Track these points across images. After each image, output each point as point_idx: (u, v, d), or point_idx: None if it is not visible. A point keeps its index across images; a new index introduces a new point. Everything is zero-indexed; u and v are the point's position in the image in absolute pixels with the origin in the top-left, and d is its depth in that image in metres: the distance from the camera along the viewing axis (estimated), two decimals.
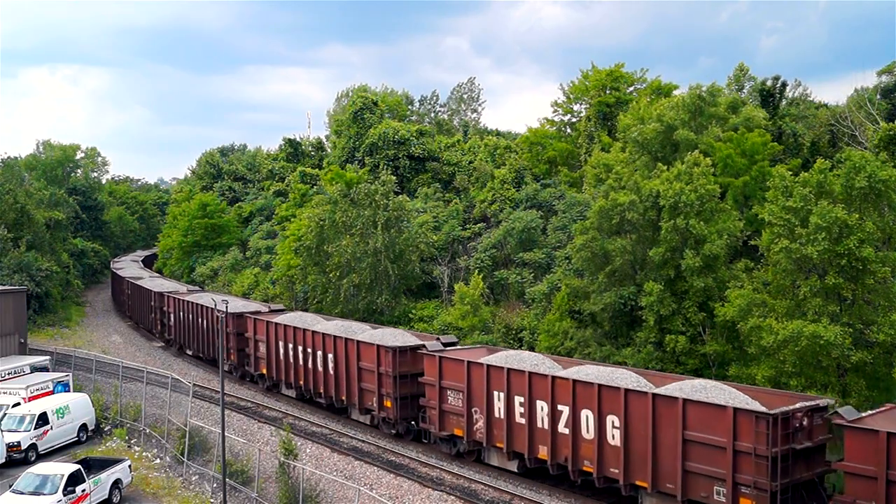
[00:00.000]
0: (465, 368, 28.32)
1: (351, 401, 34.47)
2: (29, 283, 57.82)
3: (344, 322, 38.06)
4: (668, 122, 40.10)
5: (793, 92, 53.91)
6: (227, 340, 42.58)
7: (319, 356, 35.99)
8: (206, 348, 47.22)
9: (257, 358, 41.27)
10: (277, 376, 39.79)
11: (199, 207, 79.88)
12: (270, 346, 39.73)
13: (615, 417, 23.79)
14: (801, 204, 28.45)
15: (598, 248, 35.17)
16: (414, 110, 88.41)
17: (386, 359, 31.61)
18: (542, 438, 25.96)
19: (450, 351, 30.54)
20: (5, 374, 37.88)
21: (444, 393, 29.24)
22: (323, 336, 35.58)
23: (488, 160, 62.38)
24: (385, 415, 32.25)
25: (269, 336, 39.72)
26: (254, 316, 41.88)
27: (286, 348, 38.47)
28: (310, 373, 36.85)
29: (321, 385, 36.17)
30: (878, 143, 35.35)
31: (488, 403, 27.51)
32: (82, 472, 25.95)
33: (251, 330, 41.60)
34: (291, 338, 37.89)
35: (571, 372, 25.84)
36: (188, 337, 49.95)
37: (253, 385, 42.84)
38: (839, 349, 26.21)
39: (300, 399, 38.90)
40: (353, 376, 33.80)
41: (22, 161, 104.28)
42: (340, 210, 51.01)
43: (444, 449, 29.91)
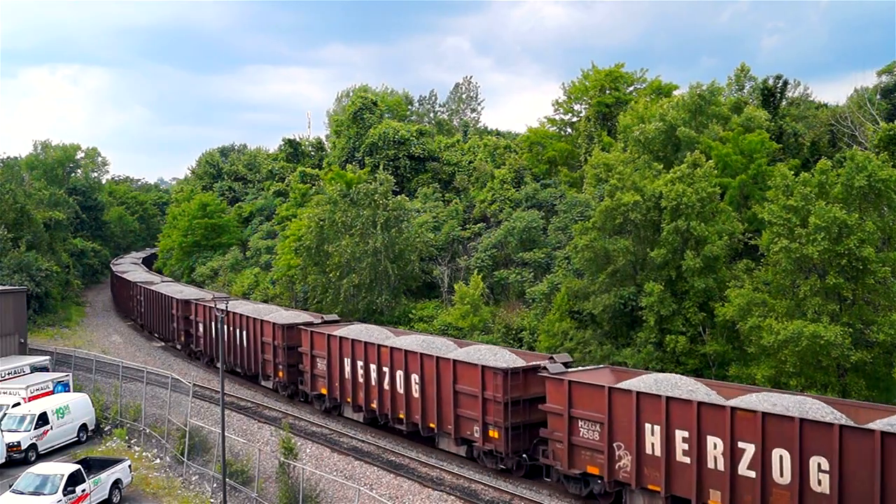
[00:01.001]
0: (605, 396, 23.68)
1: (443, 429, 29.33)
2: (29, 283, 57.82)
3: (423, 337, 33.18)
4: (670, 122, 40.14)
5: (793, 92, 53.95)
6: (274, 355, 39.17)
7: (399, 376, 31.11)
8: (247, 362, 42.42)
9: (314, 376, 36.23)
10: (342, 397, 34.78)
11: (199, 207, 79.93)
12: (333, 362, 34.76)
13: (822, 460, 19.33)
14: (802, 203, 28.46)
15: (600, 249, 35.17)
16: (413, 110, 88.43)
17: (494, 382, 26.84)
18: (715, 481, 21.42)
19: (579, 373, 26.09)
20: (5, 374, 37.88)
21: (574, 424, 24.71)
22: (405, 353, 30.75)
23: (488, 160, 62.40)
24: (491, 447, 27.26)
25: (332, 351, 34.81)
26: (310, 328, 36.81)
27: (353, 366, 33.54)
28: (386, 395, 31.93)
29: (401, 409, 31.19)
30: (878, 143, 35.38)
31: (638, 438, 23.04)
32: (82, 472, 25.94)
33: (307, 344, 36.50)
34: (361, 354, 33.06)
35: (750, 402, 21.50)
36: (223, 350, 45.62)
37: (306, 405, 37.90)
38: (839, 349, 26.23)
39: (371, 424, 33.78)
40: (448, 401, 28.77)
41: (22, 161, 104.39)
42: (340, 210, 51.02)
43: (571, 489, 25.50)
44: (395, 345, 31.80)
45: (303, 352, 37.03)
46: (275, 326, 39.08)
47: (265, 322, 40.23)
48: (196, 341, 48.69)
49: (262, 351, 40.33)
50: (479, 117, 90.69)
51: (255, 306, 44.87)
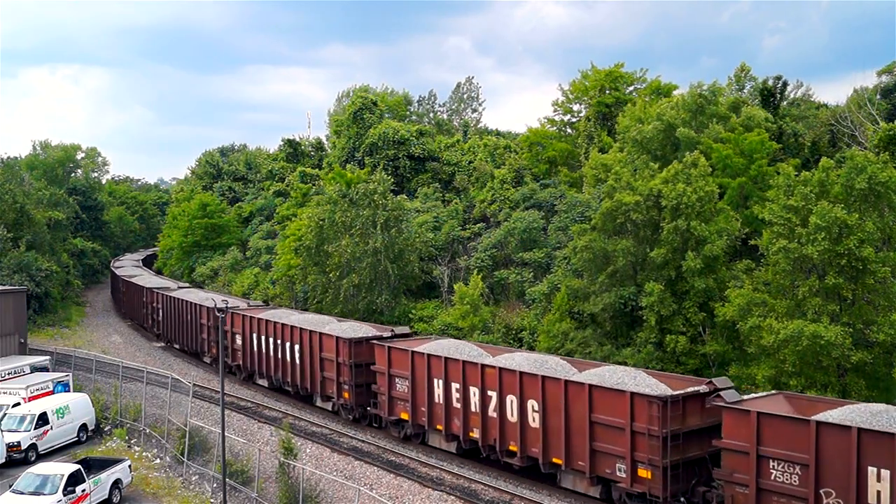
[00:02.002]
0: (810, 433, 19.55)
1: (572, 465, 25.01)
2: (29, 283, 57.81)
3: (525, 354, 28.81)
4: (669, 121, 40.15)
5: (794, 92, 54.00)
6: (337, 373, 34.67)
7: (511, 402, 26.66)
8: (300, 380, 37.83)
9: (392, 398, 31.82)
10: (430, 424, 30.36)
11: (199, 207, 79.94)
12: (419, 383, 30.44)
13: None
14: (802, 203, 28.46)
15: (599, 249, 35.17)
16: (413, 110, 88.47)
17: (649, 412, 22.55)
18: None
19: (762, 402, 21.92)
20: (5, 374, 37.88)
21: (763, 465, 20.42)
22: (520, 375, 26.15)
23: (488, 160, 62.42)
24: (643, 488, 23.00)
25: (417, 371, 30.44)
26: (386, 343, 32.28)
27: (446, 388, 29.11)
28: (492, 423, 27.48)
29: (513, 440, 26.78)
30: (878, 144, 35.39)
31: (859, 484, 18.89)
32: (82, 472, 25.94)
33: (382, 361, 31.99)
34: (458, 375, 28.56)
35: None
36: (265, 364, 40.86)
37: (378, 431, 33.42)
38: (839, 349, 26.23)
39: (467, 455, 29.54)
40: (580, 433, 24.46)
41: (22, 161, 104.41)
42: (340, 210, 51.03)
43: None
44: (505, 365, 27.21)
45: (377, 370, 32.33)
46: (339, 341, 34.34)
47: (326, 335, 35.53)
48: (232, 355, 43.95)
49: (322, 368, 35.85)
50: (480, 117, 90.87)
51: (304, 316, 40.57)
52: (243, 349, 42.71)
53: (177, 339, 52.38)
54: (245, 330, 42.25)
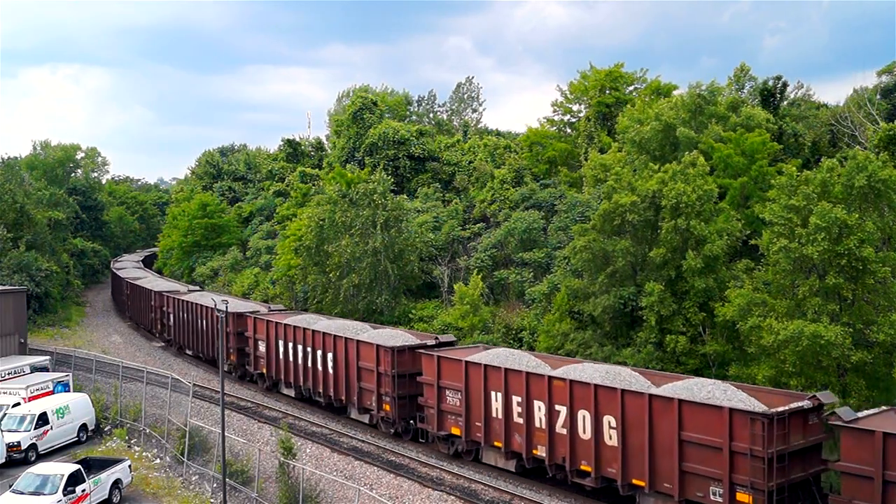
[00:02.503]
0: None
1: (657, 487, 22.86)
2: (29, 283, 57.83)
3: (605, 367, 26.38)
4: (667, 121, 40.13)
5: (794, 92, 53.99)
6: (378, 384, 32.29)
7: (585, 418, 24.40)
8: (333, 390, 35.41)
9: (442, 412, 29.44)
10: (487, 438, 27.89)
11: (199, 207, 79.97)
12: (473, 396, 28.17)
13: None
14: (804, 203, 28.47)
15: (598, 250, 35.17)
16: (413, 110, 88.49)
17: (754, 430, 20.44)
18: None
19: None
20: (5, 374, 37.88)
21: None
22: (621, 395, 23.49)
23: (488, 160, 62.42)
24: None
25: (472, 383, 28.20)
26: (435, 353, 29.87)
27: (505, 400, 26.81)
28: (560, 439, 25.27)
29: (587, 457, 24.50)
30: (878, 143, 35.39)
31: None
32: (82, 472, 25.95)
33: (431, 372, 29.67)
34: (521, 388, 26.37)
35: None
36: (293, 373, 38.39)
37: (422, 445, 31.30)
38: (839, 349, 26.22)
39: (523, 473, 27.37)
40: (668, 450, 22.45)
41: (22, 161, 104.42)
42: (340, 210, 51.04)
43: None
44: (577, 377, 24.74)
45: (424, 382, 30.12)
46: (380, 349, 32.04)
47: (364, 343, 33.13)
48: (254, 362, 41.79)
49: (359, 378, 33.53)
50: (480, 117, 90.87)
51: (335, 322, 37.97)
52: (268, 357, 40.31)
53: (190, 345, 49.80)
54: (270, 336, 39.90)
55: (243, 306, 45.69)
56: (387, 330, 35.41)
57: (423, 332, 37.83)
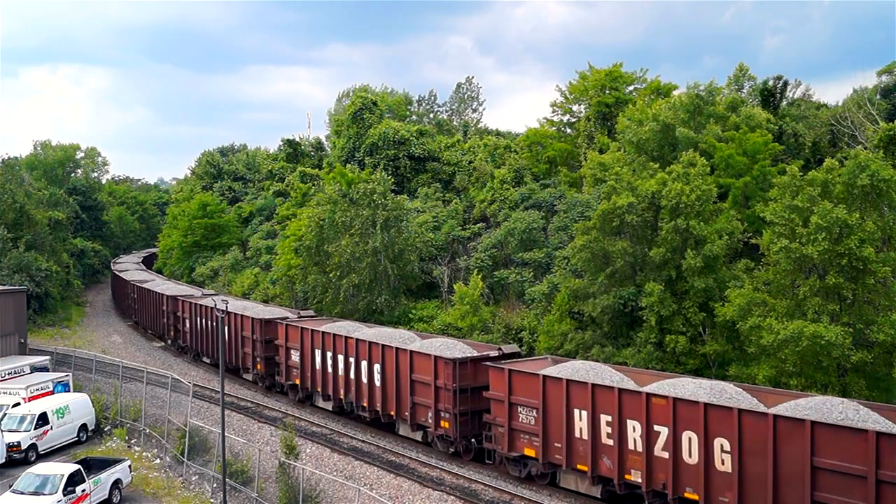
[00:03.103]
0: None
1: None
2: (29, 283, 57.86)
3: (695, 381, 23.93)
4: (665, 121, 40.09)
5: (794, 92, 54.00)
6: (435, 398, 29.45)
7: (691, 441, 22.01)
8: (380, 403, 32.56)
9: (513, 431, 26.75)
10: (569, 461, 25.16)
11: (199, 207, 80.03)
12: (551, 414, 25.47)
13: None
14: (807, 204, 28.48)
15: (599, 249, 35.18)
16: (413, 110, 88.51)
17: None
18: None
19: None
20: (5, 374, 37.88)
21: None
22: (738, 415, 20.96)
23: (488, 160, 62.43)
24: None
25: (551, 400, 25.48)
26: (506, 366, 27.17)
27: (592, 419, 24.27)
28: (660, 463, 22.89)
29: (693, 484, 22.08)
30: (878, 143, 35.40)
31: None
32: (82, 472, 25.95)
33: (501, 388, 26.81)
34: (612, 406, 23.83)
35: None
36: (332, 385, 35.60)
37: (485, 467, 28.50)
38: (839, 349, 26.24)
39: (609, 500, 25.03)
40: (796, 479, 20.00)
41: (22, 161, 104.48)
42: (340, 210, 51.06)
43: None
44: (682, 395, 22.48)
45: (493, 397, 27.36)
46: (438, 361, 29.33)
47: (419, 354, 30.35)
48: (286, 373, 38.91)
49: (413, 392, 30.72)
50: (480, 117, 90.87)
51: (378, 330, 35.52)
52: (302, 367, 37.49)
53: (208, 352, 47.23)
54: (305, 345, 37.15)
55: (270, 312, 43.28)
56: (440, 339, 32.59)
57: (483, 343, 34.68)
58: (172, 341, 53.49)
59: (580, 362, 27.63)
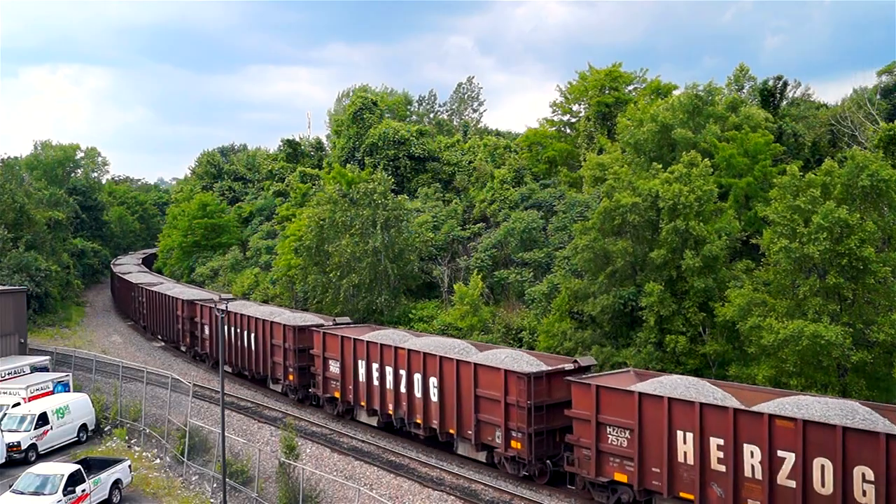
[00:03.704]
0: None
1: None
2: (29, 283, 57.87)
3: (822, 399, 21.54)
4: (664, 122, 40.05)
5: (794, 92, 54.01)
6: (505, 416, 26.76)
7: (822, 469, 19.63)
8: (440, 421, 29.78)
9: (601, 454, 24.14)
10: (671, 488, 22.62)
11: (199, 207, 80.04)
12: (648, 436, 22.93)
13: None
14: (809, 206, 28.49)
15: (599, 249, 35.18)
16: (413, 110, 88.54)
17: None
18: None
19: None
20: (5, 374, 37.88)
21: None
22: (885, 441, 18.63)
23: (488, 160, 62.45)
24: None
25: (648, 421, 22.94)
26: (594, 381, 24.77)
27: (701, 442, 21.75)
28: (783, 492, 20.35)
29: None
30: (878, 144, 35.41)
31: None
32: (82, 472, 25.95)
33: (586, 406, 24.32)
34: (725, 428, 21.29)
35: None
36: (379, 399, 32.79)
37: (565, 491, 26.01)
38: (840, 349, 26.25)
39: None
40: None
41: (22, 161, 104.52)
42: (340, 210, 51.07)
43: None
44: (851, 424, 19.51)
45: (577, 416, 24.71)
46: (509, 376, 26.59)
47: (486, 368, 27.54)
48: (323, 385, 36.12)
49: (477, 408, 27.91)
50: (480, 117, 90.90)
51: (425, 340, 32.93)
52: (342, 379, 34.87)
53: (232, 361, 44.16)
54: (346, 355, 34.47)
55: (302, 319, 40.23)
56: (503, 351, 30.00)
57: (547, 353, 31.71)
58: (188, 348, 50.97)
59: (675, 377, 24.82)
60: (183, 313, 50.59)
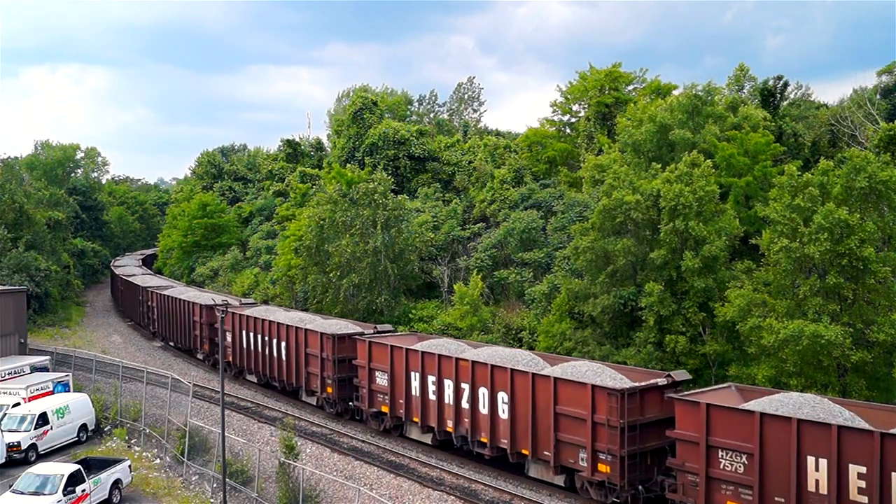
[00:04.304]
0: None
1: None
2: (29, 283, 57.87)
3: None
4: (662, 122, 40.03)
5: (794, 92, 54.03)
6: (592, 437, 24.10)
7: None
8: (515, 441, 26.84)
9: (712, 480, 21.55)
10: None
11: (199, 207, 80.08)
12: (770, 462, 20.47)
13: None
14: (809, 204, 28.49)
15: (600, 249, 35.18)
16: (413, 110, 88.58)
17: None
18: None
19: None
20: (5, 374, 37.88)
21: None
22: None
23: (488, 160, 62.47)
24: None
25: (770, 445, 20.40)
26: (703, 400, 21.96)
27: (837, 469, 19.26)
28: None
29: None
30: (878, 144, 35.42)
31: None
32: (82, 472, 25.95)
33: (694, 428, 21.75)
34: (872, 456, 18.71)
35: None
36: (434, 414, 30.03)
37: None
38: (840, 349, 26.26)
39: None
40: None
41: (22, 161, 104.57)
42: (340, 210, 51.09)
43: None
44: None
45: (683, 438, 22.15)
46: (597, 391, 23.92)
47: (566, 382, 25.05)
48: (369, 398, 32.97)
49: (556, 427, 25.18)
50: (480, 117, 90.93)
51: (481, 350, 30.08)
52: (392, 392, 31.90)
53: (264, 371, 40.98)
54: (397, 366, 31.62)
55: (337, 326, 36.98)
56: (584, 363, 26.95)
57: (630, 366, 28.94)
58: (207, 356, 48.01)
59: (795, 395, 22.28)
60: (201, 319, 47.56)
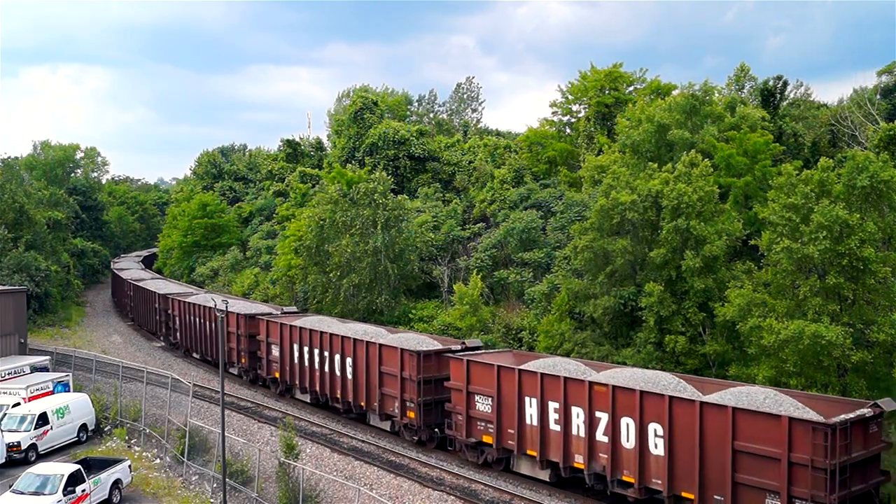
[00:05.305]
0: None
1: None
2: (29, 283, 57.86)
3: None
4: (660, 122, 40.01)
5: (794, 92, 54.01)
6: (789, 479, 19.95)
7: None
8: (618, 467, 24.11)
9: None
10: None
11: (199, 207, 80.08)
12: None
13: None
14: (803, 201, 28.47)
15: (599, 249, 35.17)
16: (413, 110, 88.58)
17: None
18: None
19: None
20: (5, 374, 37.89)
21: None
22: None
23: (488, 160, 62.47)
24: None
25: None
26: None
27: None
28: None
29: None
30: (878, 144, 35.40)
31: None
32: (82, 472, 25.96)
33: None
34: None
35: None
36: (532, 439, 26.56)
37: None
38: (840, 349, 26.25)
39: None
40: None
41: (22, 161, 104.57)
42: (340, 210, 51.09)
43: None
44: None
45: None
46: (794, 424, 19.93)
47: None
48: (467, 427, 28.56)
49: (735, 467, 21.02)
50: (480, 117, 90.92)
51: (616, 372, 25.97)
52: (499, 420, 27.33)
53: (320, 389, 36.99)
54: (506, 392, 27.13)
55: (416, 341, 32.45)
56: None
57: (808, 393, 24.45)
58: (246, 371, 43.90)
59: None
60: (239, 330, 43.33)
